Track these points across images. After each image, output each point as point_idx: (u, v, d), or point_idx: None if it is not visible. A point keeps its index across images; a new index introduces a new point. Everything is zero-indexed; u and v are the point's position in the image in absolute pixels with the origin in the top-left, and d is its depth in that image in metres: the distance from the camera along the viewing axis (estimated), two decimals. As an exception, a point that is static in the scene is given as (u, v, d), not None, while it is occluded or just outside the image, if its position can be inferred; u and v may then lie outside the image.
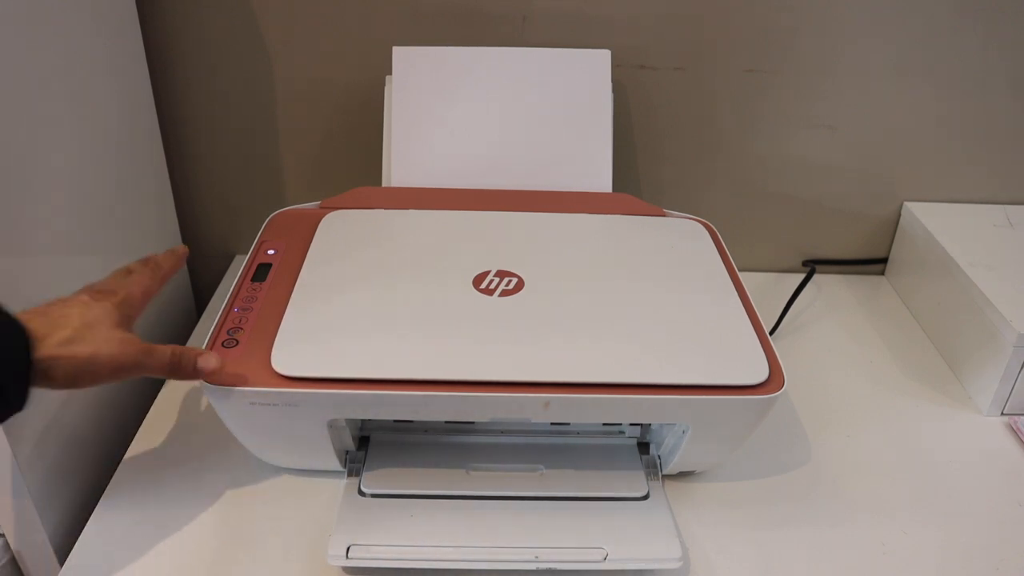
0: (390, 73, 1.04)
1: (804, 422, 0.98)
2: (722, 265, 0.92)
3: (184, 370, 0.74)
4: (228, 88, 1.14)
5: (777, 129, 1.17)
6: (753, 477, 0.90)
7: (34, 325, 0.65)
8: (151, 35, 1.08)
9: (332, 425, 0.80)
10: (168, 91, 1.13)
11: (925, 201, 1.22)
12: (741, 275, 0.91)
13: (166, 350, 0.73)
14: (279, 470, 0.89)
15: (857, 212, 1.24)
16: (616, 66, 1.08)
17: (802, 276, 1.20)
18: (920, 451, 0.95)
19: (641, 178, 1.21)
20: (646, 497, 0.84)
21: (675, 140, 1.18)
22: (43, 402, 0.84)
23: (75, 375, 0.67)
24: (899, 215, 1.23)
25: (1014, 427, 0.98)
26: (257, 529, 0.82)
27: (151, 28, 1.07)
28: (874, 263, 1.29)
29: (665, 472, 0.87)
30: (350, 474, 0.85)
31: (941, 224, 1.16)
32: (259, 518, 0.83)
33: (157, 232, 1.13)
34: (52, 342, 0.65)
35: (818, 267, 1.25)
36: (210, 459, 0.90)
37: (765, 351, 0.80)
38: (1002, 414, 1.01)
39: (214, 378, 0.76)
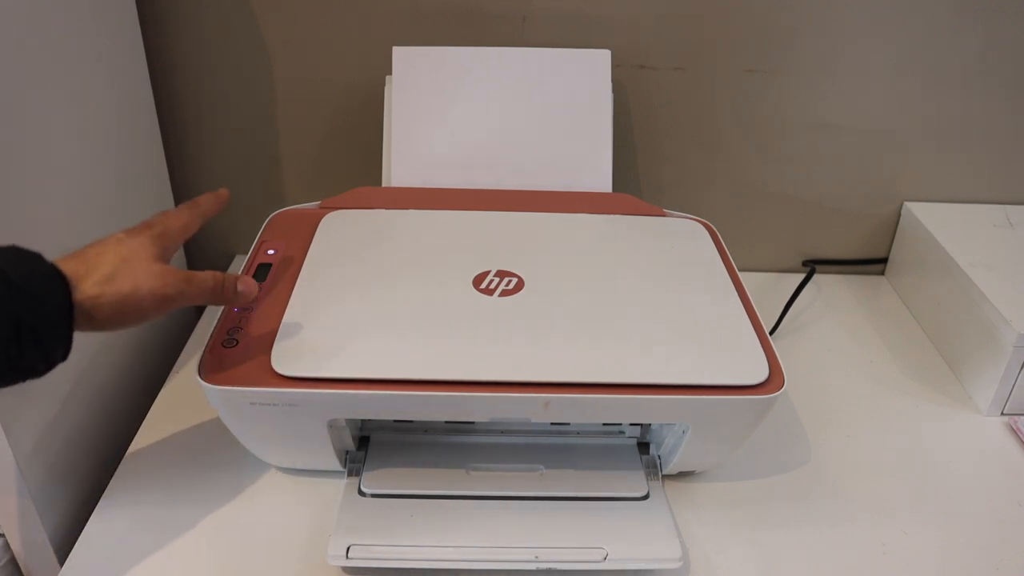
0: (390, 73, 1.04)
1: (804, 422, 0.98)
2: (722, 265, 0.92)
3: (226, 294, 0.76)
4: (228, 88, 1.14)
5: (777, 129, 1.17)
6: (753, 477, 0.90)
7: (70, 267, 0.65)
8: (151, 35, 1.08)
9: (332, 425, 0.80)
10: (168, 91, 1.13)
11: (925, 201, 1.22)
12: (741, 275, 0.91)
13: (207, 275, 0.74)
14: (279, 470, 0.89)
15: (857, 212, 1.24)
16: (616, 66, 1.09)
17: (802, 276, 1.20)
18: (920, 451, 0.95)
19: (641, 178, 1.21)
20: (646, 497, 0.84)
21: (675, 140, 1.18)
22: (43, 402, 0.84)
23: (120, 312, 0.67)
24: (899, 215, 1.23)
25: (1014, 427, 0.98)
26: (257, 529, 0.82)
27: (151, 28, 1.07)
28: (874, 263, 1.29)
29: (665, 472, 0.87)
30: (350, 474, 0.85)
31: (941, 224, 1.16)
32: (259, 518, 0.84)
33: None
34: (91, 281, 0.65)
35: (818, 267, 1.25)
36: (210, 459, 0.90)
37: (765, 351, 0.80)
38: (1002, 414, 1.01)
39: (214, 378, 0.76)
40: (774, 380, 0.77)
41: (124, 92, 1.02)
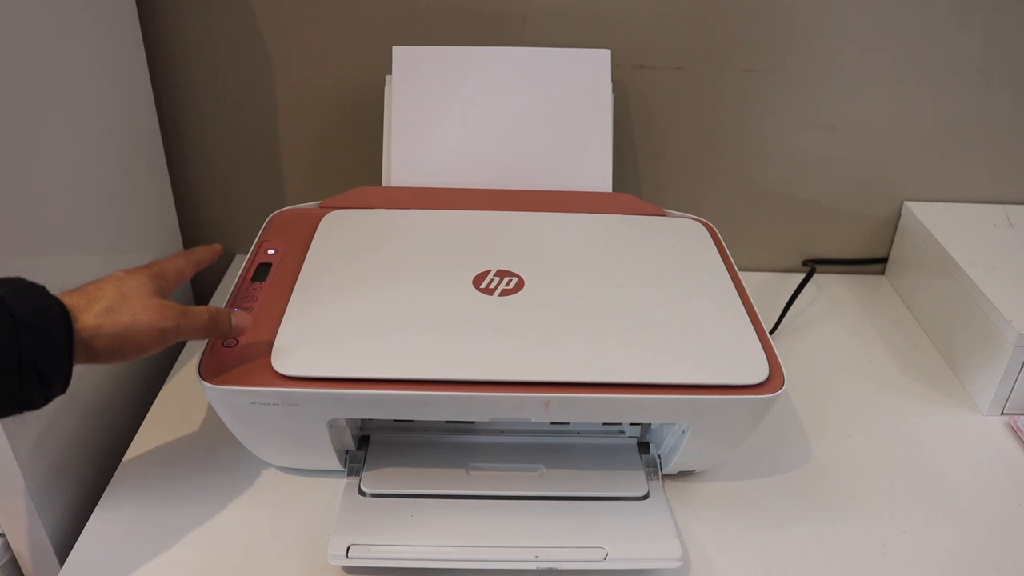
0: (390, 73, 1.04)
1: (804, 422, 0.98)
2: (722, 265, 0.92)
3: (221, 328, 0.77)
4: (228, 88, 1.14)
5: (777, 129, 1.17)
6: (753, 477, 0.91)
7: (72, 300, 0.66)
8: (151, 35, 1.08)
9: (332, 425, 0.80)
10: (168, 91, 1.13)
11: (925, 201, 1.22)
12: (741, 275, 0.91)
13: (202, 311, 0.75)
14: (279, 470, 0.89)
15: (857, 211, 1.24)
16: (616, 66, 1.09)
17: (802, 276, 1.20)
18: (920, 451, 0.95)
19: (641, 178, 1.21)
20: (646, 497, 0.84)
21: (675, 140, 1.18)
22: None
23: (118, 345, 0.68)
24: (899, 214, 1.23)
25: (1014, 427, 0.98)
26: (257, 529, 0.82)
27: (151, 29, 1.07)
28: (874, 263, 1.29)
29: (665, 472, 0.87)
30: (350, 474, 0.85)
31: (941, 223, 1.15)
32: (259, 518, 0.84)
33: (157, 232, 1.13)
34: (92, 313, 0.66)
35: (818, 267, 1.25)
36: (210, 459, 0.90)
37: (765, 351, 0.80)
38: (1002, 413, 1.01)
39: (214, 378, 0.76)
40: (774, 380, 0.77)
41: (124, 92, 1.02)
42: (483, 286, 0.85)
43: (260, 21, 1.09)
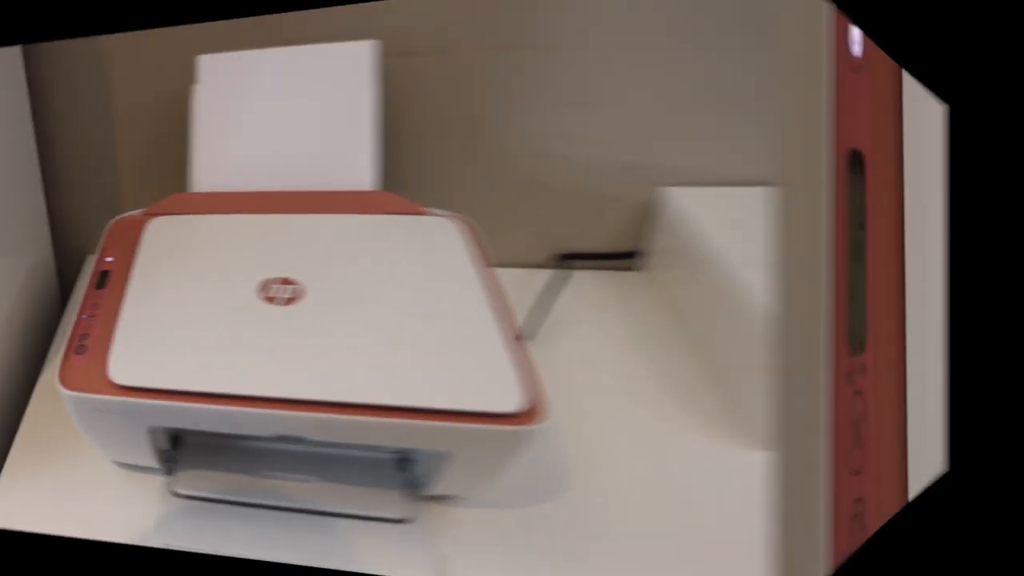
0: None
1: (561, 447, 0.90)
2: (475, 268, 0.90)
3: None
4: (87, 95, 1.18)
5: (530, 111, 1.06)
6: (511, 506, 0.86)
7: None
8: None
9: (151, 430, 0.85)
10: (43, 93, 1.18)
11: (685, 185, 1.06)
12: (499, 271, 0.90)
13: None
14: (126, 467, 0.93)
15: (611, 199, 1.09)
16: (385, 55, 1.05)
17: (555, 272, 1.09)
18: (675, 482, 0.86)
19: (406, 174, 1.12)
20: (404, 520, 0.83)
21: (438, 130, 1.10)
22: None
23: None
24: (655, 202, 1.08)
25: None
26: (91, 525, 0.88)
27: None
28: (630, 257, 1.13)
29: (426, 494, 0.85)
30: (166, 472, 0.88)
31: (703, 210, 1.00)
32: (102, 516, 0.90)
33: (25, 227, 1.16)
34: None
35: (573, 261, 1.12)
36: (59, 453, 0.95)
37: (522, 375, 0.78)
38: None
39: (67, 384, 0.82)
40: (533, 410, 0.75)
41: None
42: (268, 295, 0.89)
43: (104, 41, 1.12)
